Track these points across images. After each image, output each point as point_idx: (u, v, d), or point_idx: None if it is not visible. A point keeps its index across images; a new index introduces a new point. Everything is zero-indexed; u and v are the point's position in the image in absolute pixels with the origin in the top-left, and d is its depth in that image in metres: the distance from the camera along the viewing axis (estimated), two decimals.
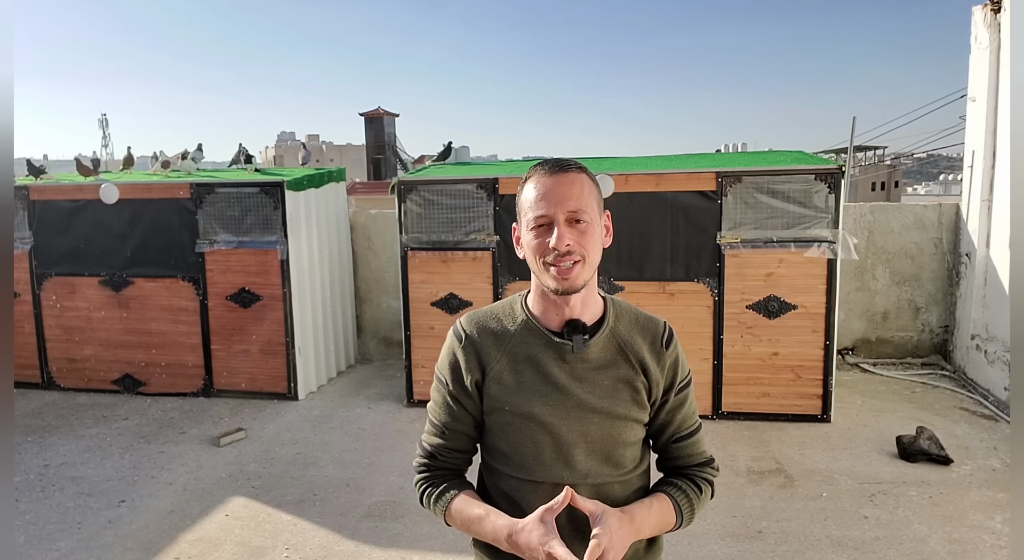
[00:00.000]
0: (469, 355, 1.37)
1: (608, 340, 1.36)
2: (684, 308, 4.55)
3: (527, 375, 1.34)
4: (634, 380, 1.35)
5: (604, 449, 1.34)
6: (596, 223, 1.31)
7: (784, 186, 4.36)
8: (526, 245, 1.32)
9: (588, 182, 1.31)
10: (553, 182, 1.28)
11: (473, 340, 1.38)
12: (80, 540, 3.27)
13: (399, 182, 4.89)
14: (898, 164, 46.60)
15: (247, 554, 3.15)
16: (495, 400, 1.35)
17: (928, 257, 5.69)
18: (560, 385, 1.33)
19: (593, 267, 1.31)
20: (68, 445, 4.43)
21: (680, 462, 1.45)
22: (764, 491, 3.59)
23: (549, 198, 1.27)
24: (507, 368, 1.35)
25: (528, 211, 1.30)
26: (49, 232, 5.43)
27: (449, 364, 1.40)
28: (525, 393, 1.34)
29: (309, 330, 5.37)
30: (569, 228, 1.27)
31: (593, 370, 1.34)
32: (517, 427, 1.34)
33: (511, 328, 1.38)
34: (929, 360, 5.71)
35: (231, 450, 4.30)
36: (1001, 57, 4.88)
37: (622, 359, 1.36)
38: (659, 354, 1.38)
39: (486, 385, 1.36)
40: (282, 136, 77.02)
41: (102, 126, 60.18)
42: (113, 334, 5.40)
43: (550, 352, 1.34)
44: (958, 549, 3.00)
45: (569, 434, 1.32)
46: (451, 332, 1.43)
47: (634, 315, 1.42)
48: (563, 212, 1.26)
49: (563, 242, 1.25)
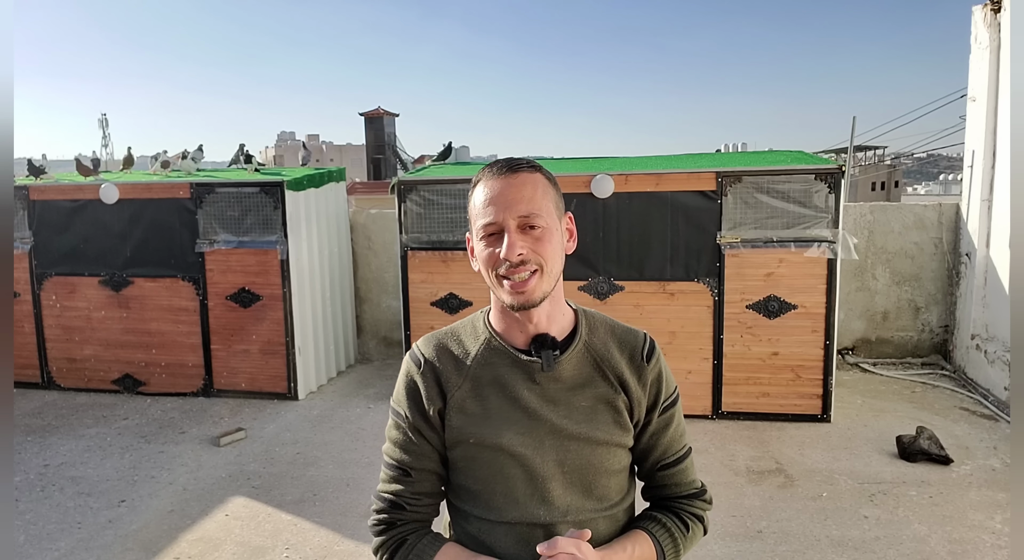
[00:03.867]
0: (429, 382, 1.22)
1: (582, 356, 1.22)
2: (684, 308, 4.55)
3: (493, 401, 1.19)
4: (614, 399, 1.21)
5: (585, 480, 1.20)
6: (554, 228, 1.16)
7: (784, 186, 4.36)
8: (478, 255, 1.18)
9: (543, 182, 1.17)
10: (502, 184, 1.14)
11: (432, 365, 1.23)
12: (80, 540, 3.27)
13: (399, 182, 4.89)
14: (898, 164, 46.61)
15: (247, 554, 3.15)
16: (458, 432, 1.20)
17: (928, 257, 5.69)
18: (531, 410, 1.18)
19: (554, 277, 1.17)
20: (68, 445, 4.43)
21: (667, 492, 1.31)
22: (764, 491, 3.59)
23: (498, 203, 1.13)
24: (470, 394, 1.20)
25: (477, 218, 1.16)
26: (49, 232, 5.43)
27: (407, 394, 1.24)
28: (492, 422, 1.18)
29: (309, 330, 5.37)
30: (522, 235, 1.13)
31: (568, 390, 1.20)
32: (485, 461, 1.19)
33: (473, 349, 1.23)
34: (929, 360, 5.71)
35: (231, 450, 4.30)
36: (1001, 57, 4.88)
37: (599, 376, 1.22)
38: (640, 369, 1.24)
39: (447, 415, 1.21)
40: (282, 136, 77.06)
41: (102, 126, 60.17)
42: (113, 334, 5.40)
43: (517, 373, 1.19)
44: (958, 549, 3.00)
45: (544, 465, 1.18)
46: (407, 357, 1.28)
47: (610, 327, 1.28)
48: (514, 217, 1.12)
49: (514, 251, 1.11)
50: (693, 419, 4.58)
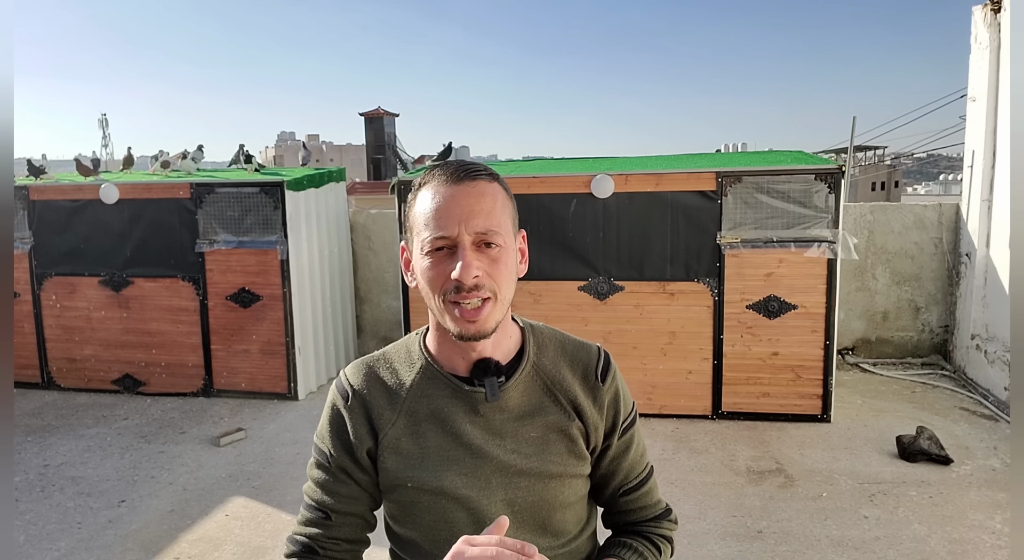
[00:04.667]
0: (357, 418, 1.08)
1: (530, 380, 1.09)
2: (684, 308, 4.55)
3: (432, 438, 1.06)
4: (568, 427, 1.09)
5: (538, 517, 1.08)
6: (511, 248, 1.02)
7: (784, 186, 4.36)
8: (420, 273, 1.02)
9: (502, 194, 1.02)
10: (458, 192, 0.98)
11: (362, 397, 1.09)
12: (80, 540, 3.27)
13: (399, 182, 4.89)
14: (898, 164, 46.64)
15: (247, 554, 3.15)
16: (394, 476, 1.06)
17: (928, 257, 5.69)
18: (474, 446, 1.05)
19: (506, 304, 1.03)
20: (68, 445, 4.43)
21: (631, 517, 1.20)
22: (764, 491, 3.59)
23: (452, 213, 0.97)
24: (405, 431, 1.07)
25: (422, 229, 1.00)
26: (49, 232, 5.43)
27: (332, 430, 1.10)
28: (431, 462, 1.05)
29: (309, 330, 5.37)
30: (477, 254, 0.98)
31: (515, 421, 1.07)
32: (425, 507, 1.06)
33: (407, 378, 1.09)
34: (929, 360, 5.71)
35: (231, 450, 4.30)
36: (1001, 57, 4.88)
37: (550, 401, 1.09)
38: (595, 390, 1.11)
39: (380, 456, 1.07)
40: (282, 136, 77.09)
41: (102, 126, 60.21)
42: (113, 334, 5.40)
43: (458, 404, 1.06)
44: (958, 549, 3.00)
45: (491, 506, 1.05)
46: (333, 388, 1.13)
47: (559, 343, 1.14)
48: (470, 233, 0.97)
49: (470, 273, 0.96)
50: (693, 419, 4.58)
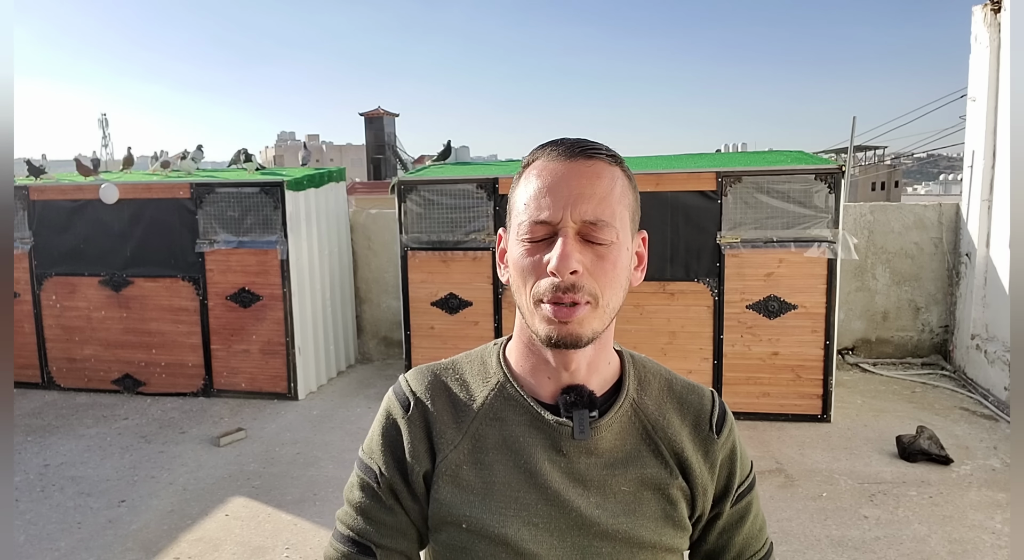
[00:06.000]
0: (417, 431, 0.88)
1: (628, 420, 0.89)
2: (684, 308, 4.55)
3: (500, 472, 0.86)
4: (668, 485, 0.88)
5: None
6: (624, 247, 0.82)
7: (784, 186, 4.36)
8: (513, 264, 0.83)
9: (623, 180, 0.83)
10: (568, 171, 0.80)
11: (424, 408, 0.89)
12: (80, 540, 3.27)
13: (399, 182, 4.89)
14: (898, 164, 46.63)
15: (247, 554, 3.15)
16: (447, 510, 0.86)
17: (928, 257, 5.69)
18: (552, 491, 0.85)
19: (610, 314, 0.83)
20: (68, 445, 4.43)
21: None
22: (764, 491, 3.59)
23: (558, 193, 0.79)
24: (468, 459, 0.87)
25: (521, 211, 0.82)
26: (49, 232, 5.43)
27: (386, 444, 0.90)
28: (495, 501, 0.85)
29: (309, 330, 5.37)
30: (581, 246, 0.79)
31: (604, 469, 0.87)
32: (479, 556, 0.85)
33: (479, 395, 0.90)
34: (929, 360, 5.71)
35: (231, 450, 4.30)
36: (1001, 57, 4.88)
37: (649, 451, 0.89)
38: (707, 443, 0.91)
39: (435, 484, 0.87)
40: (282, 136, 77.06)
41: (102, 126, 60.14)
42: (113, 334, 5.40)
43: (537, 436, 0.86)
44: (958, 549, 3.00)
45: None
46: (391, 395, 0.93)
47: (666, 381, 0.94)
48: (576, 219, 0.79)
49: (567, 263, 0.77)
50: None
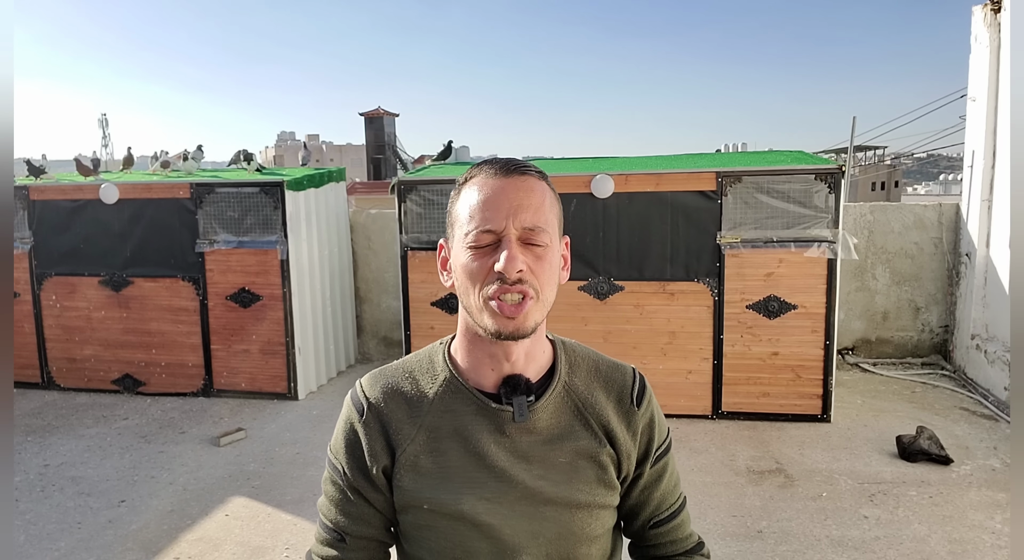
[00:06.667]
0: (373, 434, 1.02)
1: (561, 401, 1.03)
2: (684, 308, 4.55)
3: (453, 457, 1.00)
4: (598, 453, 1.02)
5: (563, 551, 1.02)
6: (555, 248, 0.98)
7: (784, 186, 4.36)
8: (459, 269, 0.96)
9: (550, 193, 0.99)
10: (507, 185, 0.95)
11: (378, 411, 1.03)
12: (80, 540, 3.27)
13: (399, 182, 4.89)
14: (898, 164, 46.64)
15: (247, 554, 3.15)
16: (410, 495, 1.00)
17: (928, 257, 5.69)
18: (499, 469, 0.99)
19: (547, 307, 0.97)
20: (68, 445, 4.43)
21: (661, 551, 1.13)
22: (764, 491, 3.59)
23: (499, 206, 0.94)
24: (425, 449, 1.00)
25: (466, 222, 0.96)
26: (49, 232, 5.43)
27: (346, 447, 1.04)
28: (451, 483, 0.99)
29: (309, 330, 5.37)
30: (523, 249, 0.94)
31: (544, 444, 1.01)
32: (442, 532, 1.00)
33: (429, 391, 1.03)
34: (929, 360, 5.71)
35: (231, 450, 4.30)
36: (1001, 57, 4.88)
37: (581, 426, 1.03)
38: (629, 415, 1.06)
39: (396, 474, 1.01)
40: (282, 136, 77.08)
41: (102, 126, 60.16)
42: (113, 334, 5.40)
43: (483, 422, 1.00)
44: (958, 549, 3.00)
45: (515, 536, 0.99)
46: (348, 400, 1.07)
47: (593, 363, 1.09)
48: (517, 227, 0.93)
49: (515, 265, 0.91)
50: (693, 419, 4.58)
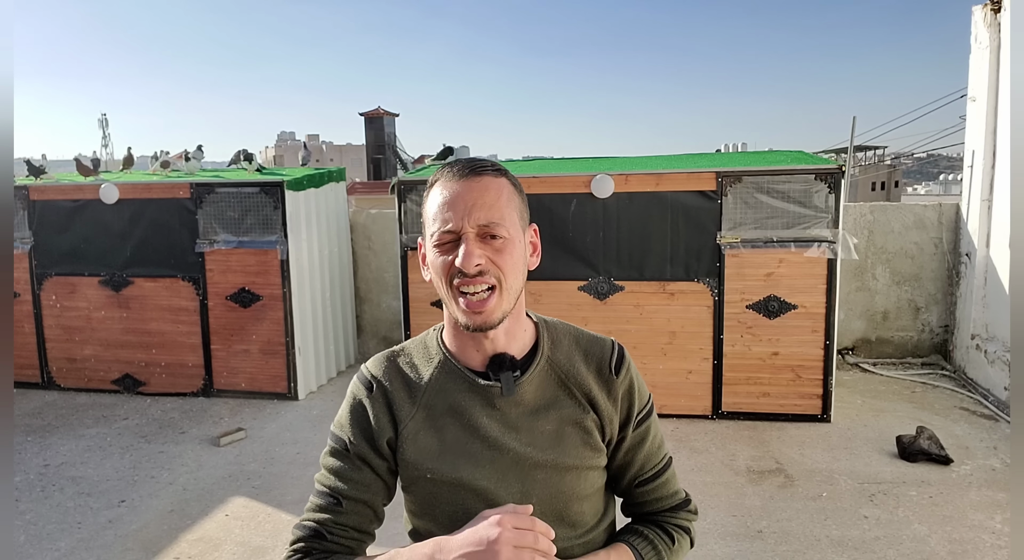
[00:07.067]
0: (380, 408, 1.14)
1: (545, 374, 1.14)
2: (684, 308, 4.55)
3: (450, 431, 1.11)
4: (582, 419, 1.13)
5: (555, 509, 1.12)
6: (517, 239, 1.08)
7: (784, 186, 4.36)
8: (431, 265, 1.09)
9: (508, 188, 1.08)
10: (463, 187, 1.05)
11: (384, 389, 1.15)
12: (80, 540, 3.27)
13: (399, 182, 4.89)
14: (898, 164, 46.65)
15: (247, 554, 3.15)
16: (413, 467, 1.12)
17: (928, 257, 5.69)
18: (491, 439, 1.10)
19: (514, 294, 1.08)
20: (68, 445, 4.44)
21: (648, 508, 1.24)
22: (764, 491, 3.59)
23: (456, 207, 1.04)
24: (424, 425, 1.12)
25: (431, 223, 1.07)
26: (49, 232, 5.43)
27: (354, 419, 1.15)
28: (449, 455, 1.11)
29: (309, 330, 5.37)
30: (481, 244, 1.04)
31: (530, 415, 1.12)
32: (444, 499, 1.12)
33: (426, 373, 1.15)
34: (929, 360, 5.71)
35: (231, 450, 4.30)
36: (1001, 57, 4.88)
37: (565, 395, 1.14)
38: (608, 383, 1.16)
39: (400, 448, 1.12)
40: (282, 136, 77.04)
41: (102, 126, 60.16)
42: (113, 334, 5.40)
43: (475, 398, 1.11)
44: (958, 549, 3.00)
45: (509, 498, 1.10)
46: (356, 379, 1.20)
47: (574, 337, 1.19)
48: (473, 225, 1.03)
49: (471, 261, 1.02)
50: (693, 419, 4.58)
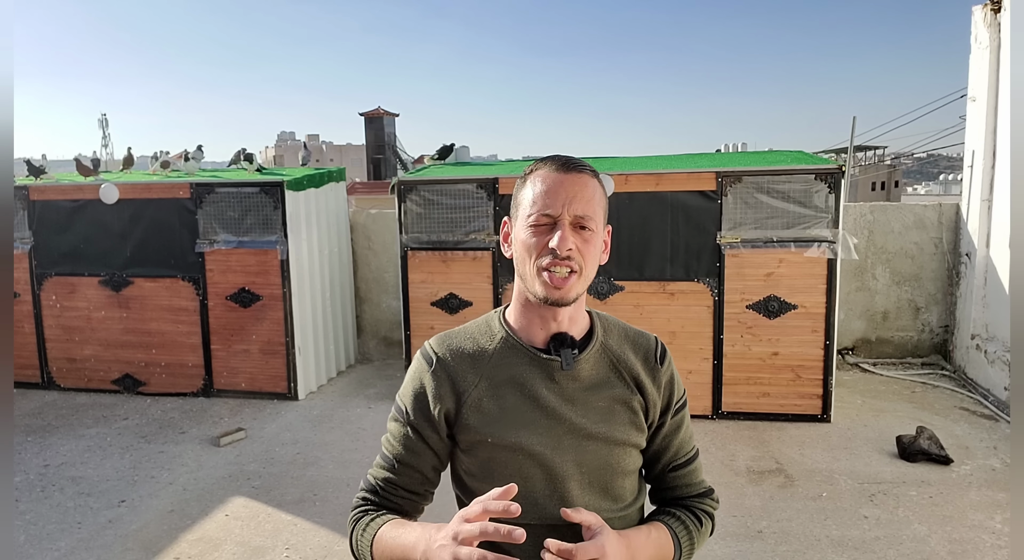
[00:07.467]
0: (440, 381, 1.21)
1: (599, 356, 1.23)
2: (684, 308, 4.55)
3: (510, 400, 1.19)
4: (631, 400, 1.23)
5: (602, 480, 1.21)
6: (599, 234, 1.19)
7: (784, 186, 4.36)
8: (519, 243, 1.18)
9: (599, 189, 1.19)
10: (564, 179, 1.16)
11: (445, 363, 1.22)
12: (80, 540, 3.27)
13: (399, 182, 4.89)
14: (898, 164, 46.62)
15: (247, 554, 3.15)
16: (475, 432, 1.19)
17: (928, 257, 5.69)
18: (550, 409, 1.18)
19: (587, 282, 1.19)
20: (68, 445, 4.43)
21: (677, 493, 1.33)
22: (764, 491, 3.59)
23: (557, 195, 1.14)
24: (487, 393, 1.20)
25: (529, 206, 1.17)
26: (49, 232, 5.43)
27: (414, 391, 1.24)
28: (510, 421, 1.18)
29: (309, 330, 5.37)
30: (573, 233, 1.14)
31: (585, 390, 1.21)
32: (502, 462, 1.19)
33: (489, 347, 1.23)
34: (929, 360, 5.71)
35: (231, 450, 4.30)
36: (1001, 57, 4.88)
37: (616, 377, 1.23)
38: (654, 371, 1.26)
39: (463, 416, 1.20)
40: (282, 136, 77.00)
41: (102, 126, 60.09)
42: (113, 334, 5.40)
43: (536, 371, 1.20)
44: (958, 549, 3.00)
45: (563, 465, 1.18)
46: (418, 355, 1.28)
47: (623, 329, 1.30)
48: (570, 214, 1.14)
49: (566, 244, 1.12)
50: (693, 419, 4.56)
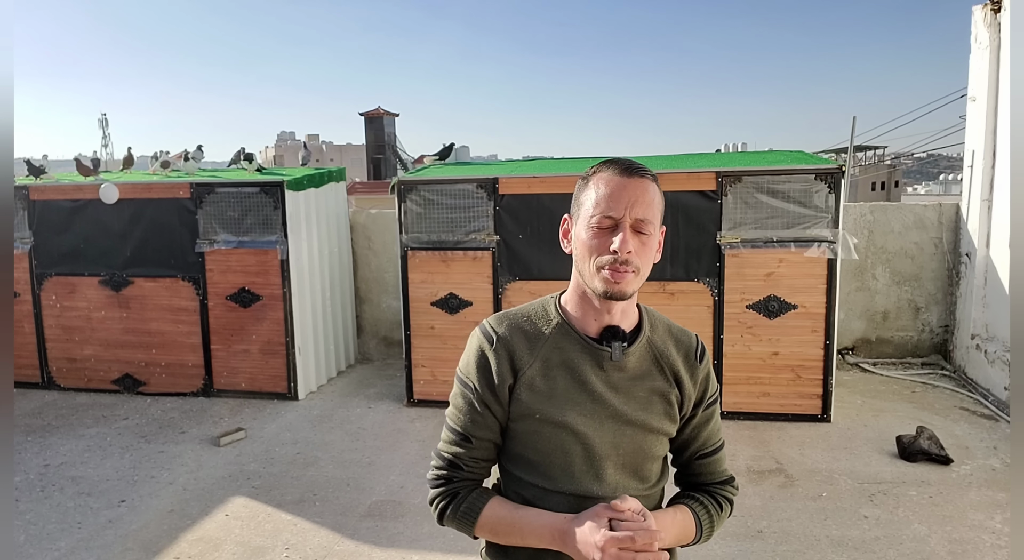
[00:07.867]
0: (501, 358, 1.31)
1: (645, 350, 1.33)
2: (684, 308, 4.54)
3: (561, 381, 1.30)
4: (668, 392, 1.33)
5: (634, 462, 1.32)
6: (656, 237, 1.27)
7: (784, 186, 4.36)
8: (580, 242, 1.26)
9: (659, 194, 1.27)
10: (627, 184, 1.23)
11: (505, 341, 1.32)
12: (80, 540, 3.28)
13: (399, 182, 4.89)
14: (898, 164, 46.62)
15: (247, 554, 3.15)
16: (525, 407, 1.29)
17: (928, 257, 5.69)
18: (596, 394, 1.29)
19: (642, 279, 1.27)
20: (68, 445, 4.44)
21: (701, 479, 1.44)
22: (764, 491, 3.59)
23: (620, 199, 1.21)
24: (540, 373, 1.30)
25: (593, 208, 1.24)
26: (49, 232, 5.43)
27: (478, 367, 1.32)
28: (558, 400, 1.29)
29: (309, 330, 5.37)
30: (633, 236, 1.22)
31: (629, 380, 1.31)
32: (547, 436, 1.29)
33: (545, 330, 1.33)
34: (929, 360, 5.71)
35: (231, 450, 4.30)
36: (1001, 57, 4.88)
37: (657, 370, 1.33)
38: (693, 367, 1.36)
39: (517, 390, 1.30)
40: (282, 136, 76.97)
41: (102, 126, 60.17)
42: (113, 334, 5.40)
43: (587, 358, 1.30)
44: (958, 549, 3.00)
45: (602, 445, 1.29)
46: (478, 333, 1.36)
47: (667, 326, 1.39)
48: (631, 217, 1.21)
49: (626, 248, 1.20)
50: None
